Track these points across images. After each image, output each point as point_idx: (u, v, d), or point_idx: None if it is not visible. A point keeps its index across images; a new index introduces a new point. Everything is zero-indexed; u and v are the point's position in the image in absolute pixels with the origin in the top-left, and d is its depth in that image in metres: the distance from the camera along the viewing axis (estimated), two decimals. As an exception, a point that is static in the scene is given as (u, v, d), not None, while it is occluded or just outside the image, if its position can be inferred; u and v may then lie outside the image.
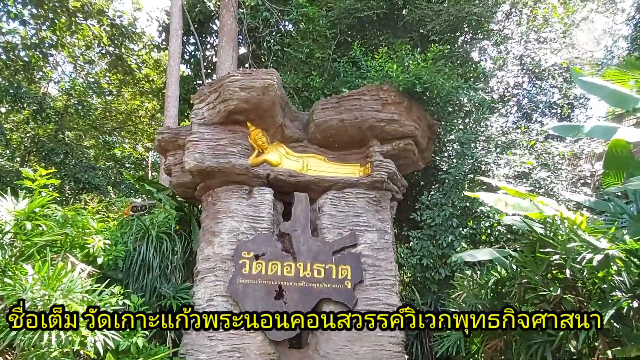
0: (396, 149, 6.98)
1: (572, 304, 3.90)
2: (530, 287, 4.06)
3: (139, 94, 18.09)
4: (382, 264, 6.54)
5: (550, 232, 4.19)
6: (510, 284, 4.48)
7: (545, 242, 4.06)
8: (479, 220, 7.01)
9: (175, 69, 9.55)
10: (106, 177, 14.38)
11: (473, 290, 5.07)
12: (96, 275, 5.33)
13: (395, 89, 6.69)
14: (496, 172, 7.21)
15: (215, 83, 6.65)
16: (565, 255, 3.92)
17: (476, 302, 4.91)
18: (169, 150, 7.31)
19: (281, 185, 6.80)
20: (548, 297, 3.85)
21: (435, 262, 7.03)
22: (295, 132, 7.08)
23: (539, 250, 4.05)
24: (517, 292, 4.33)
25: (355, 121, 6.74)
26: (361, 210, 6.81)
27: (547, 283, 4.03)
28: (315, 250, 6.39)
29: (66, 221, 5.35)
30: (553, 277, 4.16)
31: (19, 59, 15.35)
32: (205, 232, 6.55)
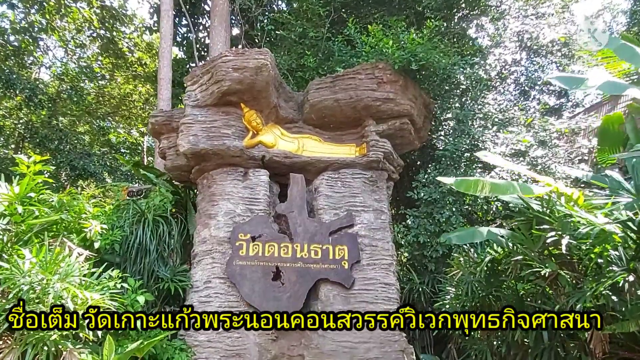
0: (392, 128, 6.91)
1: (568, 280, 3.91)
2: (526, 264, 4.06)
3: (132, 78, 17.85)
4: (379, 243, 6.55)
5: (547, 208, 4.18)
6: (506, 262, 4.49)
7: (541, 219, 4.05)
8: (475, 197, 7.00)
9: (167, 50, 9.39)
10: (102, 163, 14.27)
11: (469, 269, 5.08)
12: (93, 259, 5.32)
13: (390, 67, 6.59)
14: (493, 150, 7.17)
15: (208, 64, 6.55)
16: (562, 231, 3.91)
17: (472, 280, 4.94)
18: (163, 134, 7.23)
19: (277, 166, 6.76)
20: (544, 273, 3.85)
21: (432, 239, 7.04)
22: (290, 112, 7.00)
23: (535, 227, 4.04)
24: (513, 270, 4.34)
25: (350, 101, 6.66)
26: (357, 190, 6.78)
27: (543, 260, 4.04)
28: (312, 231, 6.39)
29: (62, 206, 5.31)
30: (549, 253, 4.17)
31: (9, 44, 15.08)
32: (201, 215, 6.53)
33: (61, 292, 4.52)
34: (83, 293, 4.63)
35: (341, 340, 5.90)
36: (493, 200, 6.90)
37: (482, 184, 4.47)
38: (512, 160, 7.15)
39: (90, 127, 18.16)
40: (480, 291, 4.89)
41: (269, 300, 5.93)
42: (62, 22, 16.60)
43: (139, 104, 18.56)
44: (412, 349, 6.14)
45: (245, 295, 5.91)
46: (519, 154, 7.17)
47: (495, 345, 4.58)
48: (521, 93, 11.68)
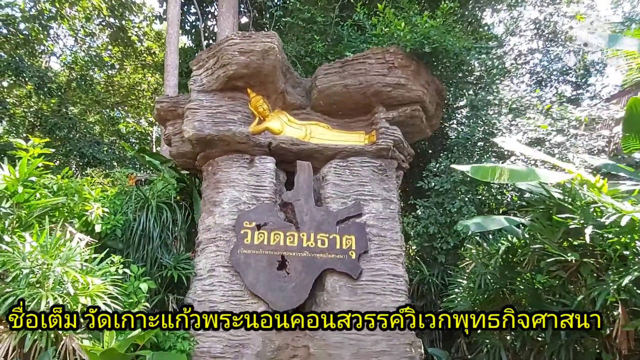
0: (403, 115, 6.69)
1: (591, 269, 3.67)
2: (546, 254, 3.83)
3: (141, 67, 17.78)
4: (387, 234, 6.35)
5: (569, 196, 3.94)
6: (523, 252, 4.27)
7: (563, 207, 3.82)
8: (489, 186, 6.75)
9: (174, 36, 9.23)
10: (111, 151, 14.23)
11: (482, 260, 4.87)
12: (95, 245, 5.23)
13: (402, 51, 6.36)
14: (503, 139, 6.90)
15: (214, 48, 6.38)
16: (585, 220, 3.67)
17: (485, 272, 4.72)
18: (169, 120, 7.11)
19: (283, 153, 6.59)
20: (565, 263, 3.62)
21: (443, 230, 6.83)
22: (298, 98, 6.82)
23: (556, 215, 3.81)
24: (530, 260, 4.11)
25: (360, 86, 6.45)
26: (366, 179, 6.59)
27: (563, 250, 3.81)
28: (318, 220, 6.21)
29: (60, 188, 5.19)
30: (570, 244, 3.93)
31: (19, 32, 15.06)
32: (206, 202, 6.39)
33: (62, 277, 4.44)
34: (84, 278, 4.53)
35: (347, 332, 5.73)
36: (508, 189, 6.65)
37: (500, 170, 4.24)
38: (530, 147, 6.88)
39: (100, 117, 18.16)
40: (494, 284, 4.67)
41: (274, 290, 5.79)
42: (72, 10, 16.54)
43: (147, 93, 18.49)
44: (420, 342, 5.96)
45: (250, 284, 5.76)
46: (535, 142, 6.89)
47: (510, 341, 4.37)
48: (537, 83, 11.35)
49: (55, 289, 4.31)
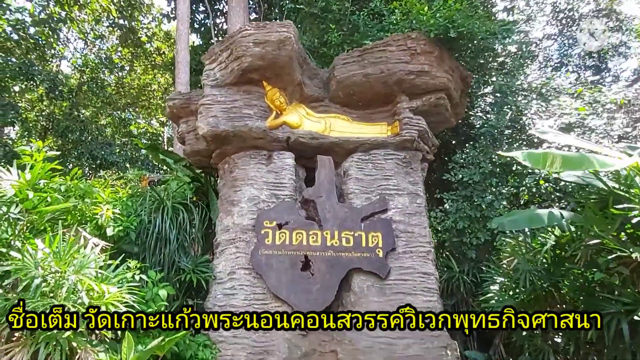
0: (427, 104, 6.32)
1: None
2: (604, 249, 3.46)
3: (151, 68, 17.62)
4: (415, 229, 6.00)
5: (624, 185, 3.55)
6: (575, 247, 3.88)
7: (620, 197, 3.43)
8: (521, 177, 6.35)
9: (185, 32, 8.97)
10: (123, 153, 14.09)
11: (525, 256, 4.48)
12: (110, 250, 4.97)
13: (424, 36, 6.00)
14: (540, 124, 6.50)
15: (227, 40, 6.09)
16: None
17: (530, 268, 4.34)
18: (181, 117, 6.85)
19: (302, 149, 6.27)
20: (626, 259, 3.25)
21: (473, 225, 6.45)
22: (315, 90, 6.49)
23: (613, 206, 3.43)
24: (582, 256, 3.73)
25: (380, 75, 6.10)
26: (390, 172, 6.24)
27: (623, 244, 3.43)
28: (342, 217, 5.89)
29: (68, 190, 4.95)
30: (629, 236, 3.55)
31: (30, 37, 14.98)
32: (223, 201, 6.12)
33: (76, 285, 4.19)
34: (99, 286, 4.28)
35: (377, 336, 5.41)
36: (543, 179, 6.22)
37: (551, 157, 3.85)
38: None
39: (112, 119, 18.08)
40: (541, 281, 4.29)
41: (298, 292, 5.48)
42: (81, 13, 16.43)
43: (158, 93, 18.35)
44: (455, 344, 5.60)
45: (272, 287, 5.47)
46: (569, 127, 6.46)
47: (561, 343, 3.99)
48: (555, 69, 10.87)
49: (69, 299, 4.06)
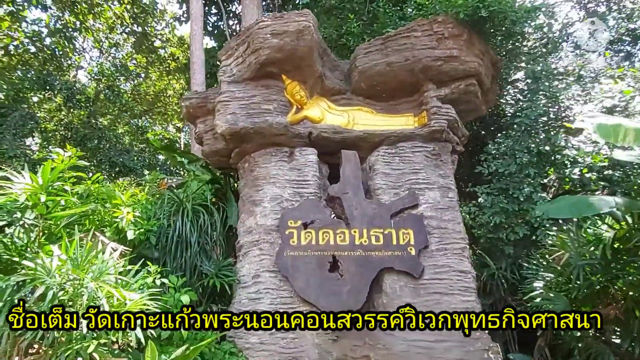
0: (456, 91, 5.97)
1: None
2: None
3: (166, 74, 17.60)
4: (448, 225, 5.64)
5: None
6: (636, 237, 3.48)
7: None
8: (561, 167, 5.92)
9: (199, 32, 8.78)
10: (141, 159, 14.03)
11: (578, 249, 4.08)
12: (129, 255, 4.74)
13: (452, 19, 5.65)
14: (579, 109, 6.06)
15: (243, 33, 5.84)
16: None
17: (584, 263, 3.93)
18: (198, 117, 6.62)
19: (325, 144, 5.97)
20: None
21: (510, 219, 6.04)
22: (337, 83, 6.19)
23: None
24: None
25: (405, 63, 5.78)
26: (419, 165, 5.90)
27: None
28: (370, 214, 5.56)
29: (89, 194, 4.73)
30: None
31: (46, 48, 15.09)
32: (244, 201, 5.85)
33: (95, 292, 3.96)
34: (120, 292, 4.04)
35: (414, 339, 5.05)
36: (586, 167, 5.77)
37: (624, 130, 3.46)
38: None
39: (129, 127, 18.13)
40: (598, 277, 3.88)
41: (327, 295, 5.17)
42: (96, 22, 16.51)
43: (173, 99, 18.32)
44: (497, 347, 5.20)
45: (300, 289, 5.17)
46: (610, 111, 6.01)
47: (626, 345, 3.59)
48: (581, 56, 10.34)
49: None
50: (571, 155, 5.78)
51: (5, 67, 15.22)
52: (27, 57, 15.27)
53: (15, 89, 12.99)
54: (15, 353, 3.71)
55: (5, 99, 12.86)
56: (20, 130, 12.66)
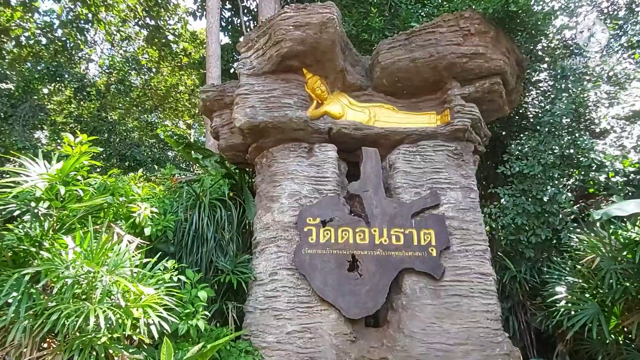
0: (480, 90, 5.82)
1: None
2: None
3: (178, 69, 17.51)
4: (470, 226, 5.50)
5: None
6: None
7: None
8: (586, 169, 5.75)
9: (215, 25, 8.67)
10: (151, 153, 13.95)
11: (610, 253, 3.94)
12: (145, 248, 4.63)
13: (479, 15, 5.50)
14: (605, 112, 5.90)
15: (264, 25, 5.70)
16: None
17: (616, 266, 3.79)
18: (215, 111, 6.50)
19: (345, 140, 5.85)
20: None
21: (531, 221, 5.90)
22: (358, 78, 6.05)
23: None
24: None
25: (429, 59, 5.62)
26: (440, 165, 5.76)
27: None
28: (391, 213, 5.43)
29: (106, 188, 4.62)
30: None
31: (58, 39, 15.05)
32: (262, 197, 5.73)
33: (110, 286, 3.85)
34: (136, 286, 3.93)
35: (433, 342, 4.93)
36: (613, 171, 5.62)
37: None
38: (630, 122, 5.86)
39: (139, 123, 18.08)
40: (632, 282, 3.74)
41: (345, 295, 5.05)
42: (108, 15, 16.46)
43: (184, 95, 18.24)
44: (518, 352, 5.08)
45: (318, 288, 5.05)
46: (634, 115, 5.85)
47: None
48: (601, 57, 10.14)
49: (104, 301, 3.72)
50: (597, 159, 5.62)
51: (16, 58, 15.22)
52: (38, 49, 15.26)
53: (25, 80, 12.95)
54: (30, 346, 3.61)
55: (16, 90, 12.83)
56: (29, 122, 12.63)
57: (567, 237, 5.46)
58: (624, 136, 5.74)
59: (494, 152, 7.19)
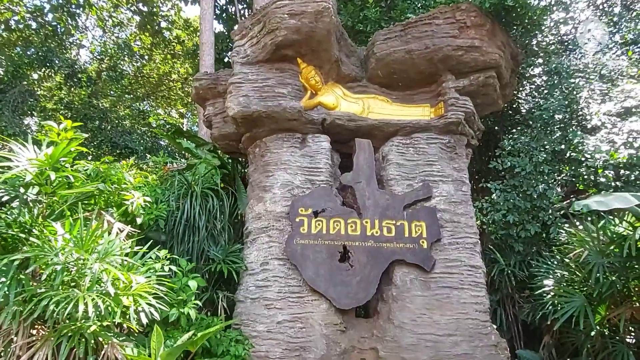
0: (474, 84, 5.82)
1: None
2: None
3: (170, 57, 17.28)
4: (461, 219, 5.54)
5: None
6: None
7: None
8: (576, 164, 5.80)
9: (209, 12, 8.56)
10: (142, 142, 13.80)
11: (597, 247, 3.99)
12: (136, 237, 4.61)
13: (475, 8, 5.49)
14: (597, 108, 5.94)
15: (259, 12, 5.64)
16: None
17: (603, 260, 3.84)
18: (208, 99, 6.45)
19: (338, 131, 5.83)
20: None
21: (522, 216, 5.95)
22: (353, 69, 6.02)
23: None
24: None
25: (425, 51, 5.61)
26: (433, 157, 5.77)
27: None
28: (383, 204, 5.44)
29: (98, 175, 4.58)
30: None
31: (48, 24, 14.77)
32: (254, 187, 5.71)
33: (100, 274, 3.83)
34: (126, 275, 3.92)
35: (422, 333, 4.98)
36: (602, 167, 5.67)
37: None
38: (621, 118, 5.91)
39: (131, 111, 17.87)
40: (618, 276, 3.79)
41: (336, 285, 5.07)
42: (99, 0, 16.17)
43: (177, 84, 18.02)
44: (505, 343, 5.15)
45: (309, 278, 5.06)
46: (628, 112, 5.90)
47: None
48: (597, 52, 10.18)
49: (93, 289, 3.70)
50: (588, 153, 5.65)
51: (5, 42, 14.92)
52: (27, 33, 14.96)
53: (14, 65, 12.72)
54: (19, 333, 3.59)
55: (5, 75, 12.61)
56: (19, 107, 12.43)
57: (556, 232, 5.52)
58: (614, 132, 5.79)
59: (486, 146, 7.23)
